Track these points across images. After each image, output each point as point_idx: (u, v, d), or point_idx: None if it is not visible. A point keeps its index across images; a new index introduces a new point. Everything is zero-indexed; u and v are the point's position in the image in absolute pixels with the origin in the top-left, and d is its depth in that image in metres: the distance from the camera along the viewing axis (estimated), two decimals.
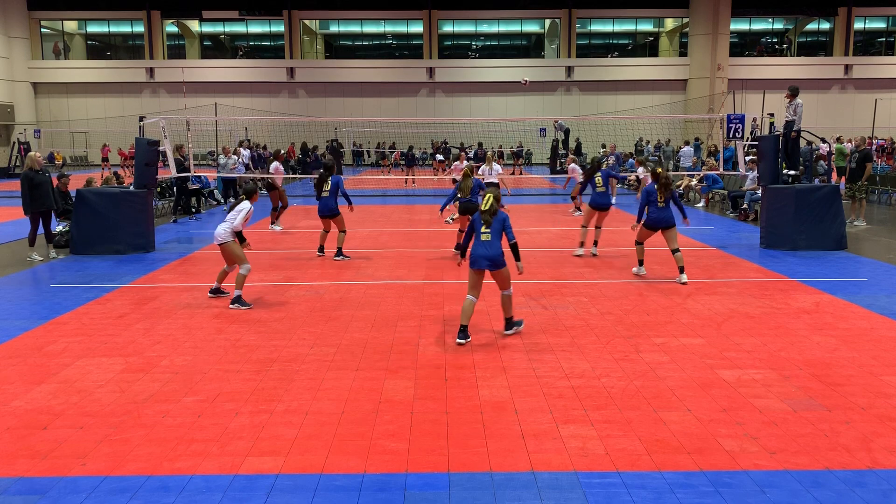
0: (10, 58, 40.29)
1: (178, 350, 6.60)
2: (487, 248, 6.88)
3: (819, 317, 7.67)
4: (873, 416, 4.99)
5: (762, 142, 12.67)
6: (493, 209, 6.95)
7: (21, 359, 6.36)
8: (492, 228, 6.92)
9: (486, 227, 6.94)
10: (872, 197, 19.58)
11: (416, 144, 35.16)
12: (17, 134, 37.28)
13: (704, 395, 5.41)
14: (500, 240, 6.93)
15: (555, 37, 44.32)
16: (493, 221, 6.92)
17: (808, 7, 42.41)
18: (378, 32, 46.04)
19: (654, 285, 9.33)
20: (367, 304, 8.35)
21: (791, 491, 3.99)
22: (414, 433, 4.75)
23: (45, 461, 4.38)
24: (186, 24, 45.05)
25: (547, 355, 6.40)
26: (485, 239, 6.92)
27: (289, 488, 4.06)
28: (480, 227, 6.99)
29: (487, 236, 6.91)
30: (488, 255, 6.87)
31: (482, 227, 6.97)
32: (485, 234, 6.92)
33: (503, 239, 6.97)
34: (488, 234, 6.91)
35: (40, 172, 11.36)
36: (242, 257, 8.28)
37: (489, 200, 6.96)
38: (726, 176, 18.91)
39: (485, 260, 6.89)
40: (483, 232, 6.95)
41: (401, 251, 12.13)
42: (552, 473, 4.20)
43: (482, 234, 6.95)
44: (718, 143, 22.79)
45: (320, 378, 5.83)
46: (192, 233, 14.62)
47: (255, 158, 23.87)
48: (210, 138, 31.53)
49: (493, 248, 6.88)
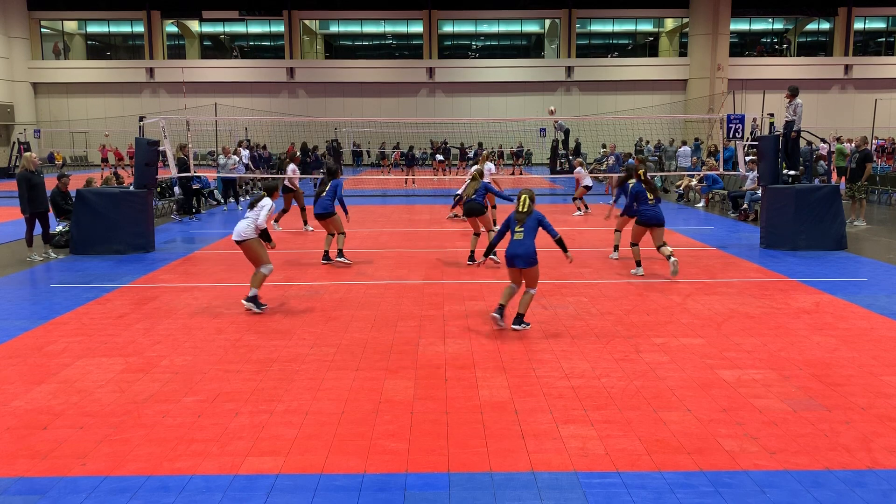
0: (10, 58, 40.31)
1: (178, 350, 6.60)
2: (520, 247, 7.21)
3: (819, 317, 7.67)
4: (873, 416, 4.99)
5: (762, 142, 12.67)
6: (530, 209, 7.34)
7: (21, 359, 6.36)
8: (525, 227, 7.27)
9: (520, 227, 7.30)
10: (872, 197, 19.58)
11: (416, 144, 35.16)
12: (17, 134, 37.28)
13: (704, 395, 5.41)
14: (534, 238, 7.27)
15: (555, 37, 44.32)
16: (528, 220, 7.29)
17: (808, 7, 42.41)
18: (378, 32, 46.05)
19: (654, 285, 9.33)
20: (367, 304, 8.35)
21: (791, 491, 3.99)
22: (414, 433, 4.75)
23: (45, 461, 4.38)
24: (186, 24, 45.06)
25: (547, 355, 6.40)
26: (518, 238, 7.27)
27: (289, 488, 4.06)
28: (515, 226, 7.34)
29: (521, 235, 7.26)
30: (522, 254, 7.19)
31: (517, 226, 7.33)
32: (518, 233, 7.28)
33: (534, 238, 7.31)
34: (521, 233, 7.26)
35: (36, 173, 11.38)
36: (264, 256, 8.08)
37: (525, 201, 7.36)
38: (726, 176, 18.91)
39: (519, 259, 7.21)
40: (517, 231, 7.30)
41: (401, 251, 12.13)
42: (552, 473, 4.20)
43: (516, 233, 7.30)
44: (718, 144, 22.80)
45: (320, 378, 5.83)
46: (192, 233, 14.62)
47: (255, 159, 23.87)
48: (210, 138, 31.54)
49: (527, 247, 7.22)
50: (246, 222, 8.02)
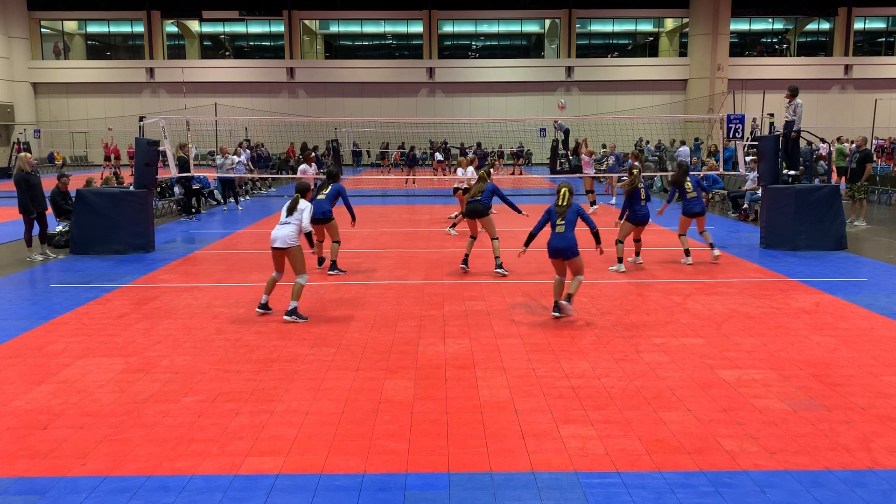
0: (10, 58, 40.31)
1: (178, 350, 6.60)
2: (563, 240, 7.52)
3: (819, 317, 7.67)
4: (873, 416, 4.99)
5: (762, 142, 12.67)
6: (570, 202, 7.66)
7: (21, 359, 6.36)
8: (566, 220, 7.58)
9: (562, 220, 7.60)
10: (872, 197, 19.58)
11: (416, 145, 35.17)
12: (17, 134, 37.28)
13: (704, 395, 5.41)
14: (574, 230, 7.59)
15: (555, 37, 44.32)
16: (568, 213, 7.59)
17: (808, 7, 42.40)
18: (378, 32, 46.04)
19: (654, 285, 9.33)
20: (367, 304, 8.35)
21: (791, 491, 3.99)
22: (414, 433, 4.75)
23: (45, 461, 4.38)
24: (186, 24, 45.05)
25: (547, 355, 6.40)
26: (560, 231, 7.57)
27: (289, 488, 4.06)
28: (556, 219, 7.62)
29: (562, 228, 7.57)
30: (565, 246, 7.50)
31: (558, 219, 7.61)
32: (560, 226, 7.58)
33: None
34: (563, 226, 7.57)
35: (32, 173, 11.38)
36: (304, 265, 7.69)
37: (565, 195, 7.66)
38: (726, 176, 18.90)
39: (561, 251, 7.51)
40: (558, 224, 7.60)
41: (401, 251, 12.13)
42: (552, 473, 4.20)
43: (557, 226, 7.58)
44: (718, 144, 22.79)
45: (320, 378, 5.83)
46: (192, 233, 14.62)
47: (254, 159, 23.85)
48: (210, 138, 31.55)
49: (568, 239, 7.52)
50: (289, 228, 7.58)
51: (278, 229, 7.62)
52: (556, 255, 7.57)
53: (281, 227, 7.63)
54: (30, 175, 11.26)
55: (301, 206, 7.72)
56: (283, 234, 7.57)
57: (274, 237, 7.63)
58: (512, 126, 37.41)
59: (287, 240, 7.56)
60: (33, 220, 11.31)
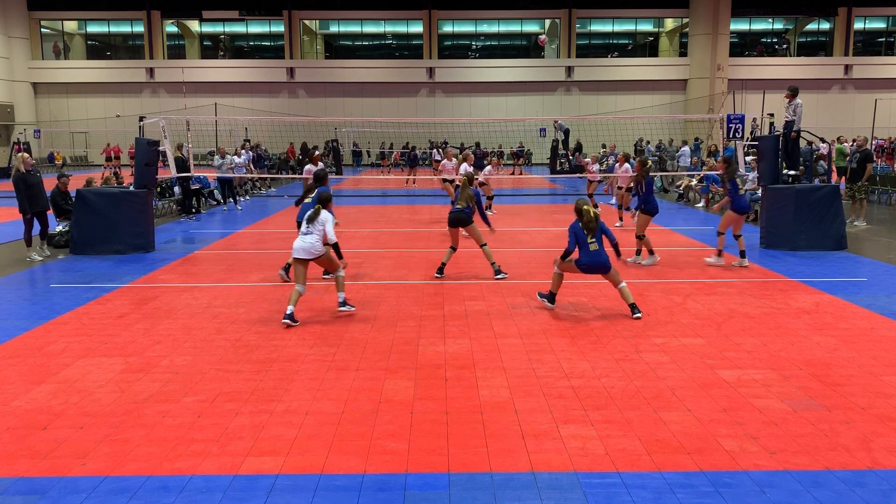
0: (10, 58, 40.31)
1: (178, 350, 6.60)
2: (598, 257, 7.59)
3: (819, 317, 7.67)
4: (873, 416, 4.99)
5: (762, 142, 12.67)
6: (597, 217, 7.62)
7: (21, 359, 6.36)
8: (596, 237, 7.59)
9: (592, 237, 7.59)
10: (872, 197, 19.58)
11: (416, 145, 35.17)
12: (17, 134, 37.28)
13: (704, 395, 5.42)
14: (603, 244, 7.67)
15: (555, 37, 44.31)
16: (597, 230, 7.61)
17: (808, 7, 42.40)
18: (378, 32, 46.04)
19: (654, 285, 9.33)
20: (367, 304, 8.35)
21: (791, 491, 3.99)
22: (414, 433, 4.75)
23: (45, 461, 4.38)
24: (186, 24, 45.05)
25: (547, 355, 6.40)
26: (593, 249, 7.60)
27: (289, 488, 4.06)
28: (586, 237, 7.58)
29: (595, 245, 7.59)
30: (601, 263, 7.60)
31: (588, 237, 7.58)
32: (592, 244, 7.58)
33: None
34: (595, 244, 7.58)
35: (31, 173, 11.39)
36: (336, 261, 7.87)
37: (591, 212, 7.57)
38: None
39: (599, 267, 7.62)
40: (590, 242, 7.59)
41: (401, 251, 12.13)
42: (552, 473, 4.20)
43: (590, 245, 7.56)
44: (718, 143, 22.80)
45: (320, 378, 5.83)
46: (192, 233, 14.62)
47: (254, 159, 23.84)
48: (210, 138, 31.55)
49: (602, 255, 7.61)
50: (312, 239, 7.55)
51: (301, 240, 7.58)
52: (596, 271, 7.69)
53: (303, 237, 7.60)
54: (28, 175, 11.25)
55: (324, 218, 7.64)
56: (306, 244, 7.55)
57: (297, 248, 7.57)
58: (512, 126, 37.42)
59: (312, 250, 7.56)
60: (31, 219, 11.31)
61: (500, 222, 16.08)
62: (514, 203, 20.15)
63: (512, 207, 18.90)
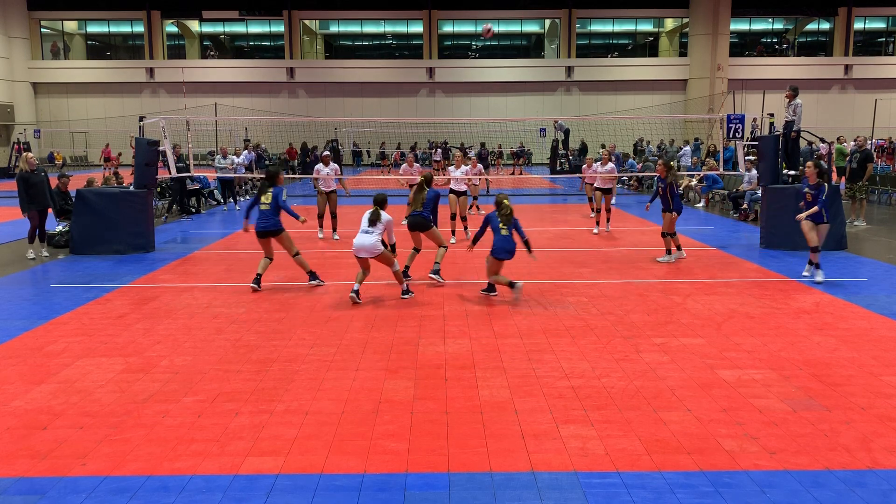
0: (10, 58, 40.32)
1: (178, 350, 6.60)
2: (507, 243, 8.43)
3: (819, 317, 7.67)
4: (873, 416, 4.99)
5: (762, 142, 12.67)
6: (512, 212, 8.60)
7: (21, 359, 6.36)
8: (509, 227, 8.45)
9: (505, 226, 8.48)
10: (872, 197, 19.59)
11: (416, 145, 35.14)
12: (17, 134, 37.28)
13: (704, 395, 5.41)
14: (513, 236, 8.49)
15: (555, 37, 44.33)
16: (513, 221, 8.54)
17: (808, 7, 42.41)
18: (378, 32, 46.04)
19: (654, 285, 9.33)
20: (367, 304, 8.35)
21: (791, 491, 3.99)
22: (414, 433, 4.75)
23: (45, 461, 4.38)
24: (186, 24, 45.05)
25: (547, 355, 6.40)
26: (504, 234, 8.42)
27: (289, 488, 4.06)
28: (499, 224, 8.48)
29: (506, 232, 8.46)
30: (510, 248, 8.48)
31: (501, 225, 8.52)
32: (503, 230, 8.43)
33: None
34: (506, 231, 8.45)
35: (35, 172, 11.46)
36: (392, 258, 8.59)
37: (508, 207, 8.61)
38: (726, 176, 18.90)
39: (507, 253, 8.45)
40: (502, 228, 8.45)
41: (400, 251, 12.10)
42: (552, 473, 4.20)
43: (501, 230, 8.48)
44: (718, 143, 22.79)
45: (320, 378, 5.83)
46: (192, 233, 14.62)
47: (255, 159, 23.82)
48: (210, 138, 31.55)
49: (512, 242, 8.50)
50: (373, 238, 8.16)
51: (362, 238, 8.17)
52: (501, 255, 8.39)
53: (363, 235, 8.18)
54: (31, 174, 11.32)
55: (385, 219, 8.28)
56: (367, 244, 8.19)
57: (358, 247, 8.20)
58: (512, 126, 37.42)
59: (373, 249, 8.22)
60: (35, 217, 11.41)
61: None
62: (513, 203, 20.10)
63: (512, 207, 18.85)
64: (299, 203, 20.60)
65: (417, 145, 33.10)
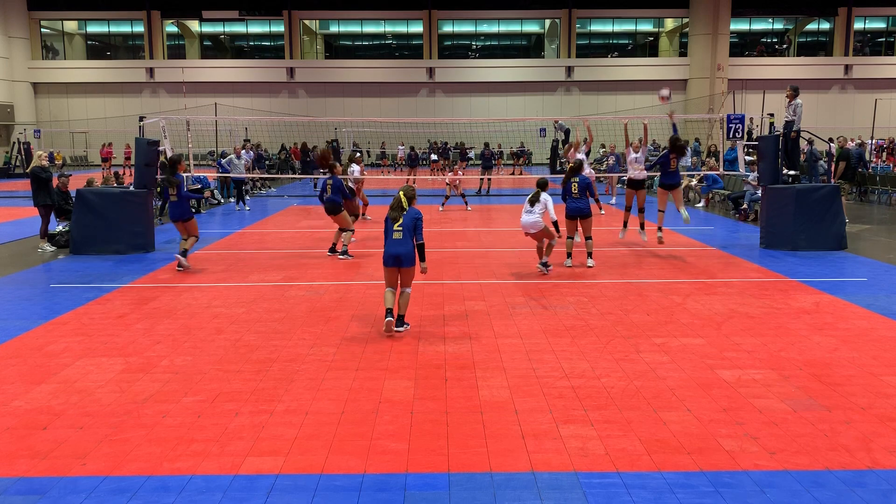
0: (10, 58, 40.30)
1: (178, 350, 6.60)
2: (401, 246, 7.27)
3: (819, 317, 7.67)
4: (873, 416, 4.99)
5: (762, 142, 12.67)
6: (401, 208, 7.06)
7: (21, 359, 6.36)
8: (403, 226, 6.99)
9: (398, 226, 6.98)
10: (872, 197, 19.60)
11: (416, 145, 35.11)
12: (17, 134, 37.28)
13: (704, 395, 5.41)
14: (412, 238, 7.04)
15: (555, 37, 44.32)
16: (405, 219, 7.02)
17: (808, 7, 42.41)
18: (378, 32, 46.04)
19: (653, 285, 9.33)
20: (367, 304, 8.35)
21: (791, 491, 3.99)
22: (414, 433, 4.75)
23: (45, 461, 4.38)
24: (186, 24, 45.04)
25: (547, 355, 6.40)
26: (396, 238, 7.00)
27: (289, 488, 4.06)
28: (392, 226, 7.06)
29: (399, 235, 6.97)
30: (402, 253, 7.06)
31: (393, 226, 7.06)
32: (397, 233, 6.98)
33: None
34: (400, 233, 6.97)
35: (45, 169, 12.31)
36: (554, 233, 9.88)
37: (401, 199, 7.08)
38: (726, 176, 18.90)
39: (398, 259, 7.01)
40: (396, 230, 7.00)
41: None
42: (552, 473, 4.20)
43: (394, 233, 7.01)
44: (718, 143, 22.78)
45: (320, 378, 5.83)
46: None
47: (255, 159, 23.82)
48: (210, 138, 31.53)
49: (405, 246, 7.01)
50: (534, 217, 9.63)
51: (526, 216, 9.71)
52: (389, 262, 7.04)
53: (527, 214, 9.71)
54: (42, 171, 12.19)
55: (544, 198, 9.69)
56: (530, 221, 9.69)
57: (524, 224, 9.76)
58: (512, 126, 37.41)
59: (536, 225, 9.70)
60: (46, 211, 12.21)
61: (500, 222, 16.11)
62: (514, 203, 20.13)
63: (512, 207, 18.89)
64: (299, 203, 20.60)
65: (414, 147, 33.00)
